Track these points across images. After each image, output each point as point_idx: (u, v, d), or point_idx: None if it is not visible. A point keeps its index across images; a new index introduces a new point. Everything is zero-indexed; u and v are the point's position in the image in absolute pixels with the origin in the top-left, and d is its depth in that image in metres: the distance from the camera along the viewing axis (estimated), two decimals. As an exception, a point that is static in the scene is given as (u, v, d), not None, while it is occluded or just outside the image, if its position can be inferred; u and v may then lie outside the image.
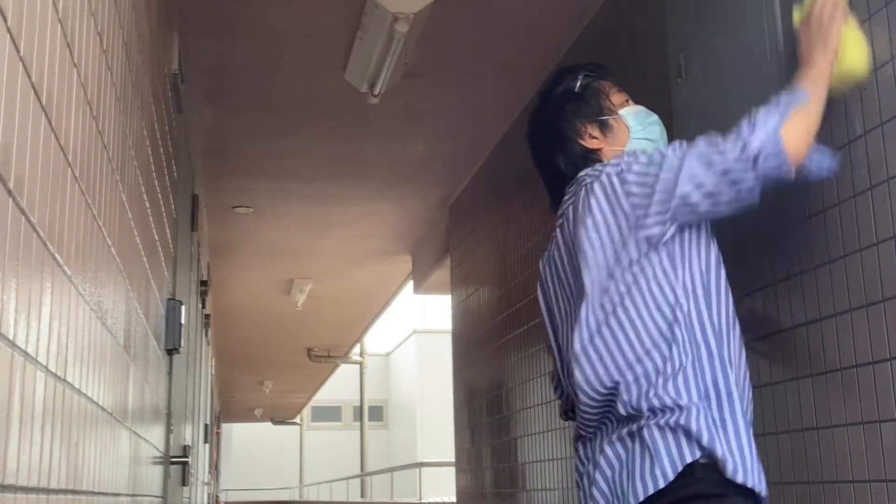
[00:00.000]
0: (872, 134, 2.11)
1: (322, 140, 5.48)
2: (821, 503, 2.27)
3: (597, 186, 1.99)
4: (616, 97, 2.16)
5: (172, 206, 3.36)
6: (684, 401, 1.85)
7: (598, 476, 1.93)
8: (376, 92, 4.36)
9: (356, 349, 15.11)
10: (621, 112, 2.14)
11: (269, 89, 4.75)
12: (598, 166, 2.07)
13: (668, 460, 1.82)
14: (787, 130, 1.93)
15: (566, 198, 2.12)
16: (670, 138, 3.11)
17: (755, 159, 1.90)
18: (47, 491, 1.25)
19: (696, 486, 1.81)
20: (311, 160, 5.83)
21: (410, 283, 8.72)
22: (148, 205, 2.49)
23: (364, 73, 4.27)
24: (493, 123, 5.16)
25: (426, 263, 7.85)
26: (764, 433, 2.54)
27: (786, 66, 2.47)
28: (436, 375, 21.61)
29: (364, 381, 18.75)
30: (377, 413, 27.87)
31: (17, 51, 1.04)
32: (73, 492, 1.46)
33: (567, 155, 2.14)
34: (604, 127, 2.13)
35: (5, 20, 0.99)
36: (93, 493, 1.66)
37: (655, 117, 2.18)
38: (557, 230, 2.15)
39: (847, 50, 2.08)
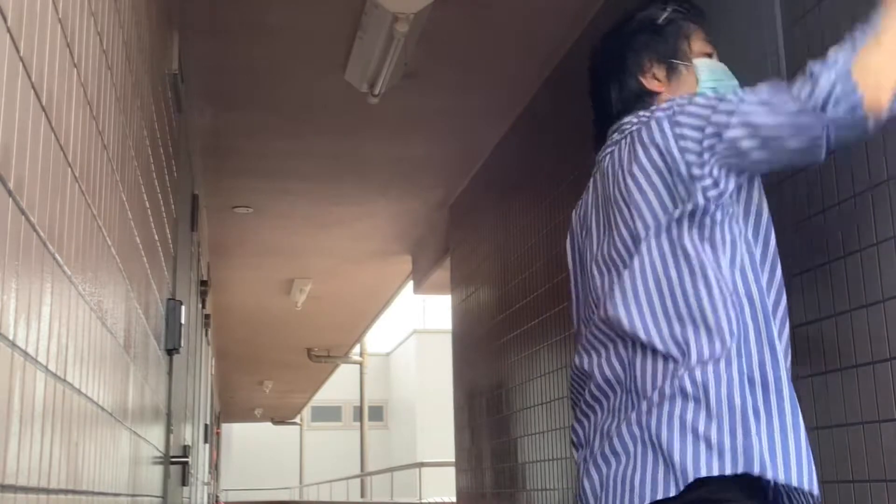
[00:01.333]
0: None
1: (322, 140, 5.48)
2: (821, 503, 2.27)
3: (644, 134, 1.79)
4: (698, 45, 1.94)
5: (172, 206, 3.36)
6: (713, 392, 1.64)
7: (592, 468, 1.77)
8: (376, 92, 4.36)
9: (356, 349, 15.12)
10: (696, 61, 1.91)
11: (269, 89, 4.75)
12: (645, 112, 1.86)
13: (684, 469, 1.62)
14: (859, 68, 1.64)
15: (607, 145, 1.93)
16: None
17: (824, 103, 1.64)
18: (47, 491, 1.25)
19: (700, 490, 1.62)
20: (311, 160, 5.83)
21: (410, 283, 8.72)
22: (148, 205, 2.49)
23: (364, 73, 4.27)
24: (493, 123, 5.16)
25: (426, 263, 7.85)
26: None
27: (786, 66, 2.48)
28: (436, 375, 21.61)
29: (364, 381, 18.75)
30: (377, 413, 27.86)
31: (17, 51, 1.04)
32: (73, 492, 1.46)
33: (621, 89, 1.93)
34: (671, 71, 1.91)
35: (5, 20, 0.99)
36: (93, 493, 1.66)
37: (734, 81, 1.92)
38: (592, 180, 1.97)
39: None
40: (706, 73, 1.91)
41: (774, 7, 2.51)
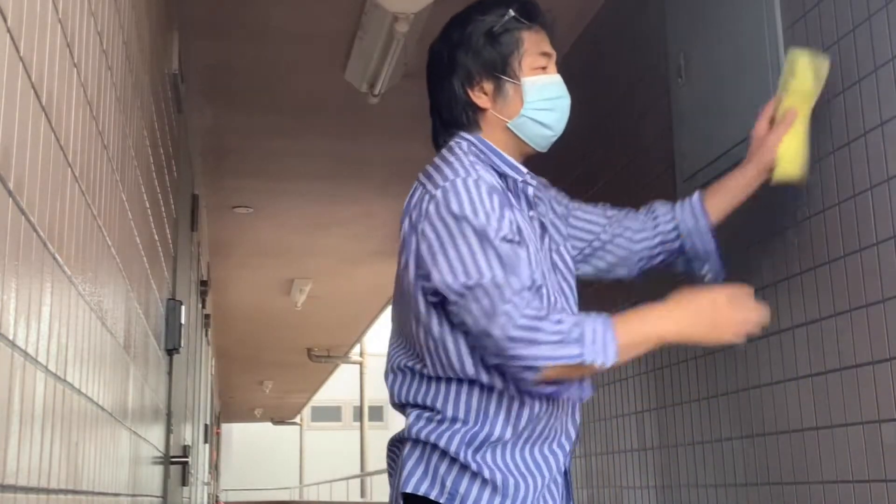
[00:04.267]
0: (872, 134, 2.11)
1: (322, 140, 5.48)
2: (821, 503, 2.27)
3: (414, 203, 1.77)
4: (532, 59, 1.79)
5: (172, 206, 3.36)
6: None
7: None
8: (376, 92, 4.36)
9: (356, 349, 15.11)
10: (525, 80, 1.77)
11: (269, 89, 4.75)
12: (441, 162, 1.77)
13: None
14: (553, 370, 1.62)
15: (417, 182, 1.84)
16: (671, 139, 3.11)
17: (510, 355, 1.60)
18: (47, 491, 1.25)
19: None
20: (311, 160, 5.83)
21: (410, 283, 8.70)
22: (148, 205, 2.49)
23: (364, 73, 4.27)
24: (493, 123, 5.16)
25: (426, 263, 7.83)
26: (764, 433, 2.54)
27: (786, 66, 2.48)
28: (436, 375, 21.54)
29: (364, 381, 18.74)
30: (377, 413, 27.84)
31: (17, 51, 1.04)
32: (73, 492, 1.46)
33: (450, 96, 1.81)
34: (498, 87, 1.77)
35: (5, 20, 0.99)
36: (93, 493, 1.66)
37: (564, 101, 1.81)
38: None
39: (785, 156, 2.08)
40: (533, 91, 1.77)
41: (774, 7, 2.51)
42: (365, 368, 18.28)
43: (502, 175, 1.78)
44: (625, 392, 3.52)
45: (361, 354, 16.82)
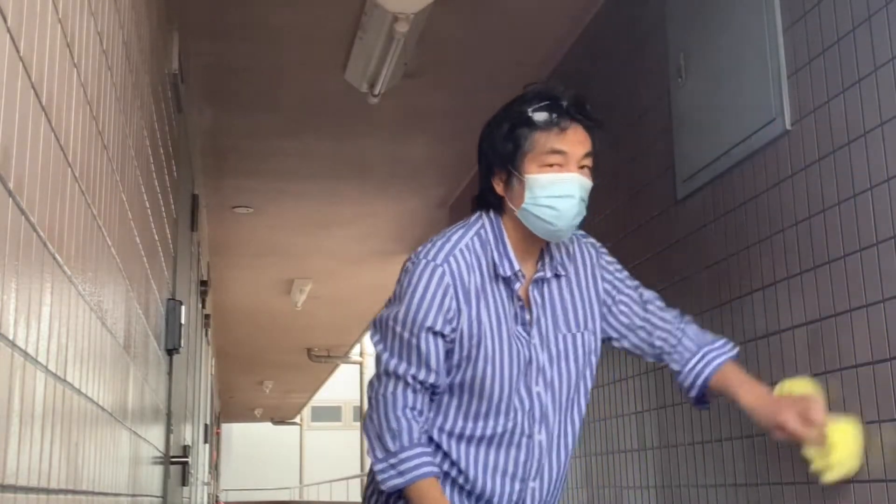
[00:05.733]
0: (872, 134, 2.11)
1: (322, 140, 5.48)
2: (821, 503, 2.27)
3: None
4: (542, 156, 1.86)
5: (172, 206, 3.36)
6: None
7: None
8: (376, 92, 4.36)
9: (356, 349, 15.11)
10: (527, 176, 1.86)
11: (269, 89, 4.75)
12: (444, 231, 1.98)
13: None
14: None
15: None
16: (671, 139, 3.11)
17: (383, 458, 1.86)
18: (47, 491, 1.25)
19: None
20: (311, 160, 5.83)
21: (410, 283, 8.70)
22: (148, 205, 2.49)
23: (364, 73, 4.27)
24: (493, 123, 5.15)
25: (426, 263, 7.83)
26: (764, 433, 2.54)
27: (786, 66, 2.48)
28: (436, 375, 21.55)
29: (364, 381, 18.73)
30: (377, 413, 27.81)
31: (17, 51, 1.04)
32: (73, 492, 1.46)
33: (482, 178, 1.98)
34: (509, 179, 1.90)
35: (5, 20, 0.99)
36: (93, 493, 1.66)
37: (568, 201, 1.85)
38: None
39: (837, 450, 1.96)
40: (536, 189, 1.85)
41: (774, 7, 2.51)
42: (365, 368, 18.28)
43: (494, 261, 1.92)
44: (625, 392, 3.52)
45: (361, 354, 16.82)
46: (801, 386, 2.01)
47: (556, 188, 1.84)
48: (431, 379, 1.85)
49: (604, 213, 3.77)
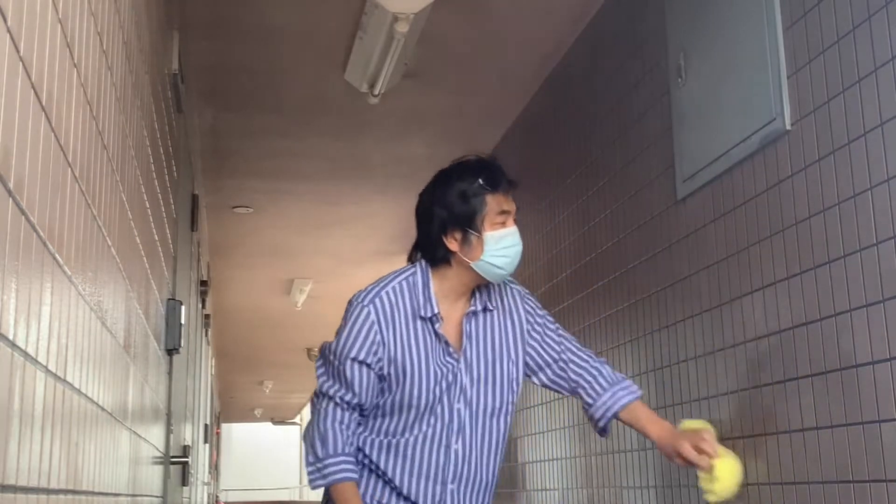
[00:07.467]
0: (872, 134, 2.11)
1: (322, 140, 5.48)
2: (821, 503, 2.27)
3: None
4: (493, 217, 2.18)
5: (172, 206, 3.36)
6: None
7: None
8: (376, 92, 4.36)
9: (356, 349, 15.08)
10: (485, 234, 2.17)
11: (269, 89, 4.75)
12: (389, 273, 2.27)
13: None
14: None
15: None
16: (671, 139, 3.11)
17: (315, 463, 2.16)
18: (47, 491, 1.25)
19: None
20: (311, 160, 5.83)
21: (410, 283, 8.70)
22: (148, 205, 2.49)
23: (364, 73, 4.27)
24: (492, 123, 5.16)
25: (426, 263, 7.83)
26: (764, 433, 2.54)
27: (786, 66, 2.48)
28: (436, 375, 21.54)
29: (364, 381, 18.72)
30: (377, 413, 27.82)
31: (17, 51, 1.04)
32: (73, 492, 1.46)
33: (429, 237, 2.22)
34: (466, 238, 2.18)
35: (5, 20, 0.99)
36: (93, 493, 1.66)
37: (516, 248, 2.21)
38: None
39: (720, 481, 2.11)
40: (492, 244, 2.17)
41: (774, 7, 2.51)
42: (365, 368, 18.25)
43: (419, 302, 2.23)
44: (625, 392, 3.52)
45: (361, 354, 16.80)
46: (697, 424, 2.25)
47: (508, 240, 2.19)
48: (356, 400, 2.17)
49: (604, 213, 3.77)
